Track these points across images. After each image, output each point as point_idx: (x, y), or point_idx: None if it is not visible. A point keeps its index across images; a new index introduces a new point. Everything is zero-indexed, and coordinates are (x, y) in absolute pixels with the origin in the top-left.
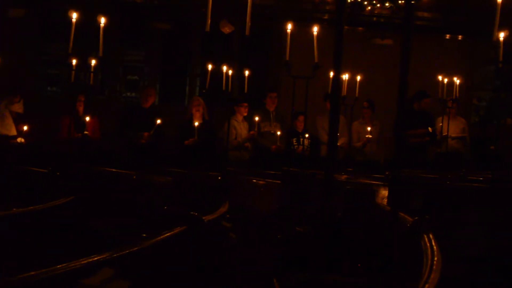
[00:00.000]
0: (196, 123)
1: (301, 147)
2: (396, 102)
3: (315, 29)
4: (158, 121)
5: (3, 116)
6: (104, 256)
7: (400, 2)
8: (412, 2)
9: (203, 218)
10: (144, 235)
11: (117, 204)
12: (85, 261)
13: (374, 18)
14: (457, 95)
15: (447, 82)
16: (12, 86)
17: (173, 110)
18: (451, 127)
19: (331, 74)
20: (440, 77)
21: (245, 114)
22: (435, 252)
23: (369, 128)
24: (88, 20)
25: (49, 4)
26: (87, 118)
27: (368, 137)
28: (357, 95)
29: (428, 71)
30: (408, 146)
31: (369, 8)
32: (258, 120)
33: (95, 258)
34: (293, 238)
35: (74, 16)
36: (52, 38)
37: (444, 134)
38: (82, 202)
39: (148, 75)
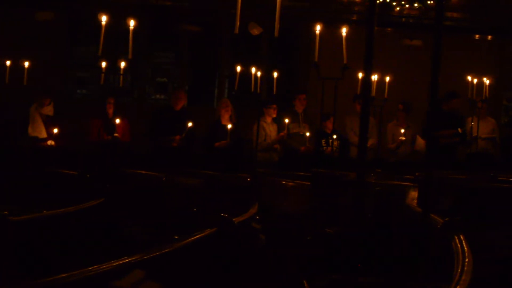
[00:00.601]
0: (229, 126)
1: (330, 148)
2: (425, 103)
3: (344, 30)
4: (190, 124)
5: (34, 119)
6: (135, 258)
7: (429, 2)
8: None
9: (233, 219)
10: (176, 237)
11: (147, 206)
12: (116, 263)
13: (403, 19)
14: (487, 95)
15: (477, 82)
16: (42, 89)
17: (202, 112)
18: (480, 128)
19: (360, 75)
20: (469, 78)
21: (274, 115)
22: (466, 253)
23: (402, 130)
24: (117, 23)
25: (78, 7)
26: (117, 120)
27: (401, 139)
28: (386, 96)
29: (457, 71)
30: (438, 147)
31: (398, 8)
32: (288, 122)
33: (126, 260)
34: (322, 240)
35: (104, 18)
36: (81, 40)
37: (474, 135)
38: (112, 204)
39: (177, 77)
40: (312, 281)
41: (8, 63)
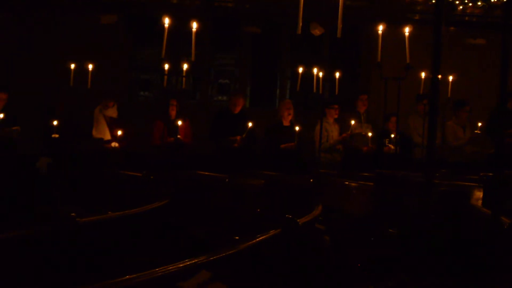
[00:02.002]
0: (297, 128)
1: (393, 148)
2: (489, 102)
3: (407, 30)
4: (250, 124)
5: (98, 121)
6: (201, 259)
7: (492, 0)
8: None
9: (298, 220)
10: (236, 237)
11: (211, 207)
12: (183, 264)
13: (466, 18)
14: None
15: None
16: (106, 91)
17: (263, 113)
18: None
19: (423, 74)
20: None
21: (336, 116)
22: None
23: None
24: (180, 25)
25: (141, 10)
26: (179, 122)
27: (477, 133)
28: (449, 95)
29: None
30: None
31: (461, 7)
32: (355, 124)
33: (193, 261)
34: (387, 240)
35: (167, 21)
36: (144, 43)
37: None
38: (176, 206)
39: (239, 79)
40: (377, 282)
41: (72, 66)
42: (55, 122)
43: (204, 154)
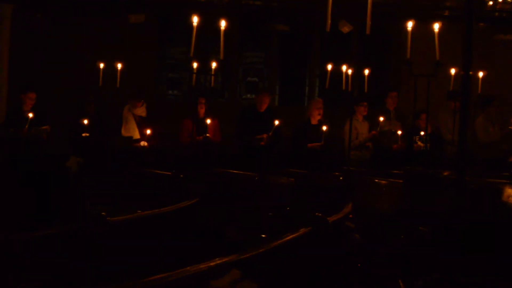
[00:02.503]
0: (324, 128)
1: (423, 145)
2: None
3: (436, 26)
4: (276, 122)
5: (127, 120)
6: (232, 257)
7: None
8: None
9: (328, 219)
10: (267, 236)
11: (240, 205)
12: (214, 263)
13: (496, 13)
14: None
15: None
16: (135, 90)
17: (292, 111)
18: None
19: (452, 71)
20: None
21: (365, 113)
22: None
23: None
24: (208, 23)
25: (168, 9)
26: (208, 121)
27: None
28: (479, 91)
29: None
30: None
31: (491, 3)
32: (383, 121)
33: (224, 260)
34: (417, 238)
35: (195, 20)
36: (172, 42)
37: None
38: (206, 204)
39: (268, 77)
40: (407, 280)
41: (101, 65)
42: (85, 122)
43: (233, 152)
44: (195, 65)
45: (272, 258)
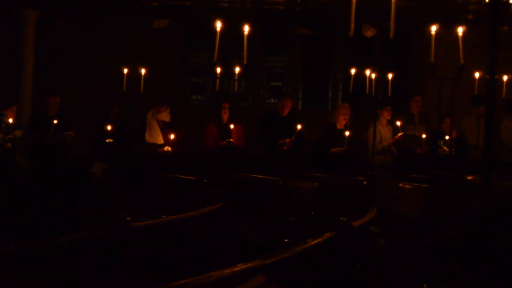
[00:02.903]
0: (347, 133)
1: (447, 149)
2: None
3: (460, 30)
4: (299, 127)
5: (151, 125)
6: (257, 262)
7: None
8: None
9: (352, 223)
10: (290, 240)
11: (264, 210)
12: (239, 268)
13: None
14: None
15: None
16: (158, 95)
17: (316, 115)
18: None
19: (477, 74)
20: None
21: (389, 117)
22: None
23: None
24: (231, 28)
25: (192, 14)
26: (232, 126)
27: None
28: (504, 95)
29: None
30: None
31: None
32: (401, 125)
33: (248, 265)
34: (442, 243)
35: (219, 25)
36: (195, 47)
37: None
38: (230, 209)
39: (291, 81)
40: (432, 285)
41: (125, 70)
42: (108, 127)
43: (257, 157)
44: (218, 70)
45: (297, 263)
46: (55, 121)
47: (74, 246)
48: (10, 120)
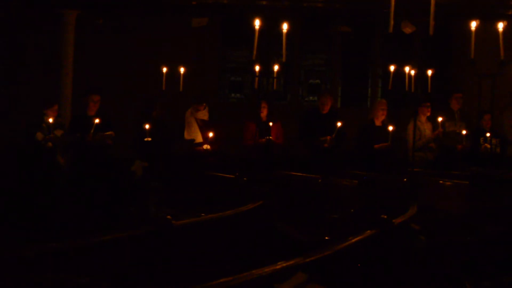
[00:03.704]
0: (391, 128)
1: (488, 146)
2: None
3: (501, 25)
4: (339, 124)
5: (189, 124)
6: (298, 260)
7: None
8: None
9: (393, 221)
10: (330, 238)
11: (304, 208)
12: (280, 266)
13: None
14: None
15: None
16: (197, 94)
17: (355, 112)
18: None
19: None
20: None
21: (428, 114)
22: None
23: None
24: (269, 26)
25: (231, 12)
26: (271, 123)
27: None
28: None
29: None
30: None
31: None
32: (442, 121)
33: (289, 263)
34: (483, 240)
35: (257, 23)
36: (234, 45)
37: None
38: (270, 207)
39: (330, 79)
40: (474, 283)
41: (164, 69)
42: (146, 126)
43: (296, 154)
44: (257, 68)
45: (337, 261)
46: (96, 120)
47: (116, 245)
48: (51, 120)
